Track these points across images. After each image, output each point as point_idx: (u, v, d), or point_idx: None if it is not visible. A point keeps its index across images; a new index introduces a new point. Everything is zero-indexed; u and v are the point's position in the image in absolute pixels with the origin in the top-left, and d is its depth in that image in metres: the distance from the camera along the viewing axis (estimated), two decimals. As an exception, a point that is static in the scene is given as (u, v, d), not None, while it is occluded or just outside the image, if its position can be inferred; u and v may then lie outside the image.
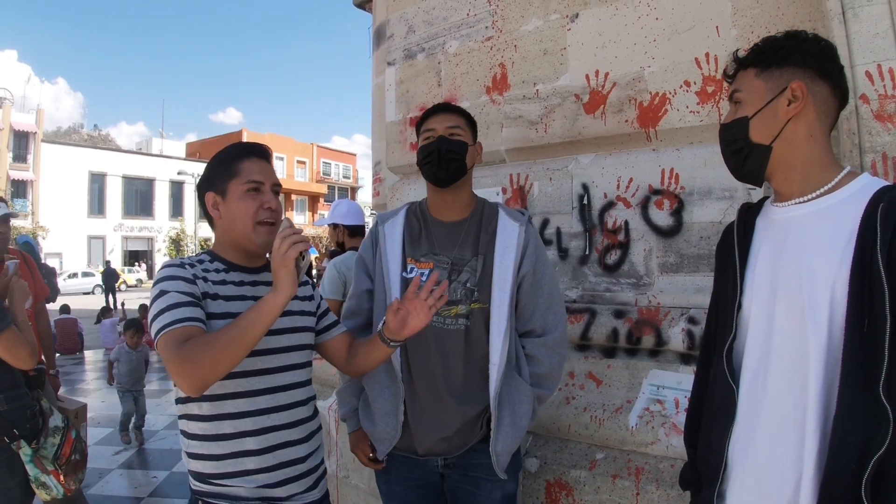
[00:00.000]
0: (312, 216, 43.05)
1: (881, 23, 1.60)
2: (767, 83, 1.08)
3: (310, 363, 1.54)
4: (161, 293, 1.30)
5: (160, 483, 4.11)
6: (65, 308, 10.14)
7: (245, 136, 37.86)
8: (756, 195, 1.77)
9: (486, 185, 2.47)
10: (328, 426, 2.65)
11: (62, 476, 2.17)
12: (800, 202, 1.07)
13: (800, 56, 1.07)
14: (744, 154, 1.11)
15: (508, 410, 1.61)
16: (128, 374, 4.95)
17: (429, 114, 1.74)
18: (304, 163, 45.09)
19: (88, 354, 9.86)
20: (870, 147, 1.61)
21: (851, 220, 0.97)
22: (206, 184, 1.45)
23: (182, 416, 1.40)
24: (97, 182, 33.46)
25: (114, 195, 34.28)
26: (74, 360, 9.29)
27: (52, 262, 23.78)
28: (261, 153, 1.46)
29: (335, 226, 3.44)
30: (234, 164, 1.42)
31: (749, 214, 1.19)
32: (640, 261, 2.13)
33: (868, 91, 1.61)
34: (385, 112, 2.98)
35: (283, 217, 1.41)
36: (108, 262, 20.67)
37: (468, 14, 2.59)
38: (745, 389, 1.10)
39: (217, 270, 1.41)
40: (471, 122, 1.75)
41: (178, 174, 33.27)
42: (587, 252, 2.26)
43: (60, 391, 3.26)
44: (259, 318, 1.26)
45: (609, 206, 2.21)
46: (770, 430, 1.04)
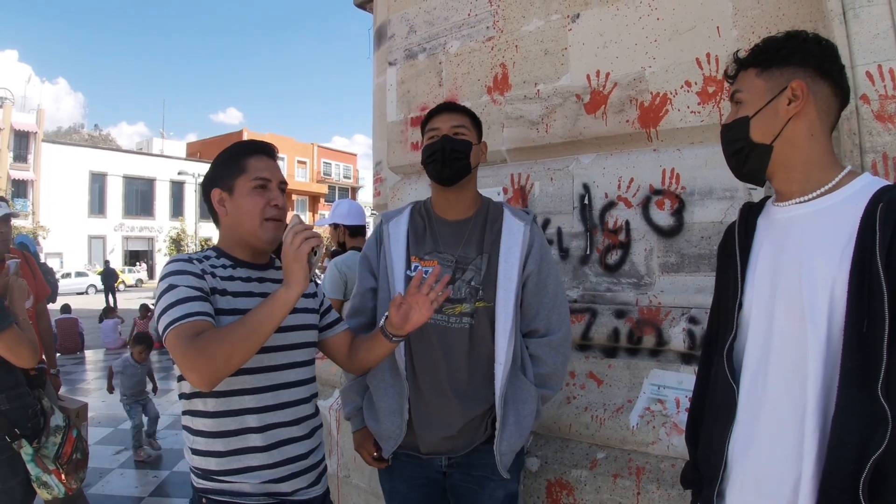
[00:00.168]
0: (313, 216, 43.06)
1: (882, 23, 1.60)
2: (768, 83, 1.08)
3: (313, 361, 1.54)
4: (170, 287, 1.28)
5: (161, 482, 4.12)
6: (66, 308, 10.17)
7: (245, 136, 37.58)
8: (757, 195, 1.78)
9: (487, 185, 2.47)
10: (329, 425, 2.65)
11: (63, 475, 2.17)
12: (800, 202, 1.07)
13: (800, 56, 1.07)
14: (745, 154, 1.11)
15: (513, 410, 1.61)
16: (133, 387, 4.82)
17: (434, 113, 1.74)
18: (305, 163, 45.12)
19: (89, 354, 9.87)
20: (870, 147, 1.62)
21: (851, 220, 0.97)
22: (213, 180, 1.45)
23: (186, 413, 1.39)
24: (98, 182, 33.50)
25: (114, 195, 34.32)
26: (75, 360, 9.29)
27: (53, 262, 23.83)
28: (268, 151, 1.47)
29: (336, 226, 3.44)
30: (242, 161, 1.43)
31: (751, 214, 1.19)
32: (641, 261, 2.14)
33: (869, 91, 1.62)
34: (386, 112, 2.98)
35: (294, 213, 1.41)
36: (108, 262, 20.62)
37: (469, 14, 2.59)
38: (746, 389, 1.10)
39: (224, 266, 1.41)
40: (476, 122, 1.75)
41: (179, 174, 33.35)
42: (588, 252, 2.26)
43: (61, 391, 3.26)
44: (272, 313, 1.26)
45: (610, 206, 2.21)
46: (770, 430, 1.04)
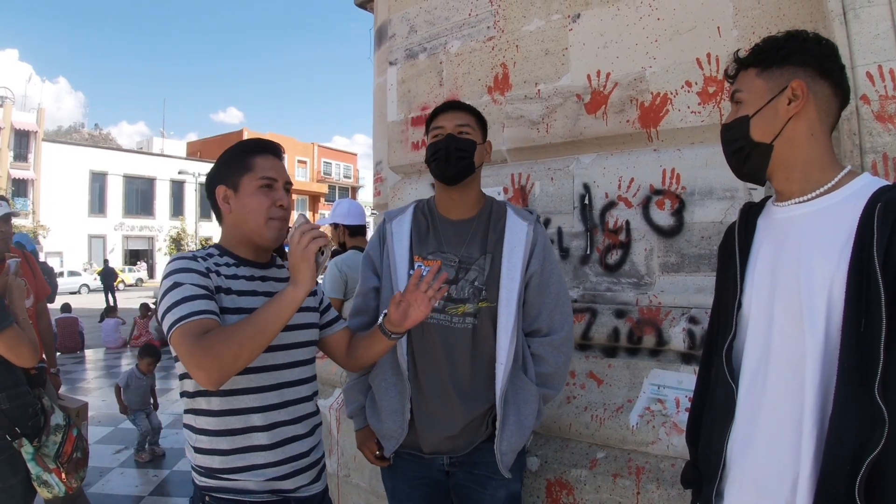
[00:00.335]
0: (313, 216, 43.05)
1: (882, 24, 1.60)
2: (768, 83, 1.08)
3: (314, 359, 1.55)
4: (175, 285, 1.28)
5: (161, 481, 4.12)
6: (66, 307, 10.17)
7: (246, 136, 37.67)
8: (757, 195, 1.78)
9: (488, 185, 2.47)
10: (329, 425, 2.65)
11: (64, 474, 2.17)
12: (800, 202, 1.07)
13: (800, 55, 1.07)
14: (745, 153, 1.11)
15: (514, 409, 1.61)
16: (139, 400, 4.77)
17: (439, 111, 1.73)
18: (305, 162, 45.15)
19: (89, 353, 9.87)
20: (870, 147, 1.62)
21: (850, 220, 0.97)
22: (218, 177, 1.44)
23: (189, 411, 1.39)
24: (98, 181, 33.51)
25: (114, 194, 34.34)
26: (75, 359, 9.30)
27: (53, 262, 23.81)
28: (274, 151, 1.48)
29: (336, 225, 3.44)
30: (248, 160, 1.42)
31: (751, 214, 1.19)
32: (641, 260, 2.14)
33: (869, 92, 1.62)
34: (386, 112, 2.99)
35: (300, 213, 1.42)
36: (107, 262, 20.60)
37: (470, 14, 2.59)
38: (745, 389, 1.10)
39: (228, 265, 1.41)
40: (481, 121, 1.74)
41: (179, 173, 33.37)
42: (588, 252, 2.26)
43: (61, 390, 3.27)
44: (279, 312, 1.26)
45: (610, 206, 2.21)
46: (768, 430, 1.04)
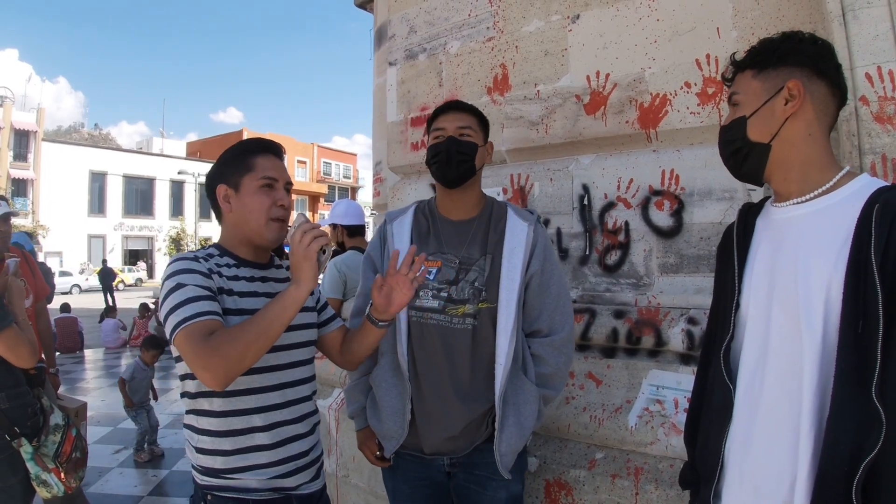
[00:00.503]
0: (313, 216, 43.05)
1: (881, 25, 1.60)
2: (764, 83, 1.08)
3: (313, 359, 1.56)
4: (178, 286, 1.27)
5: (160, 481, 4.12)
6: (65, 307, 10.16)
7: (246, 136, 37.44)
8: (756, 196, 1.78)
9: (487, 186, 2.46)
10: (328, 425, 2.65)
11: (63, 474, 2.17)
12: (798, 202, 1.07)
13: (796, 56, 1.07)
14: (743, 154, 1.11)
15: (513, 410, 1.61)
16: (143, 391, 4.74)
17: (440, 111, 1.73)
18: (305, 162, 45.16)
19: (88, 353, 9.86)
20: (869, 149, 1.62)
21: (848, 221, 0.97)
22: (218, 176, 1.44)
23: (190, 412, 1.39)
24: (97, 181, 33.50)
25: (114, 194, 34.33)
26: (74, 359, 9.29)
27: (53, 261, 23.81)
28: (275, 151, 1.48)
29: (335, 226, 3.44)
30: (249, 159, 1.42)
31: (749, 214, 1.19)
32: (640, 261, 2.14)
33: (868, 93, 1.62)
34: (386, 112, 2.99)
35: (300, 213, 1.42)
36: (105, 262, 20.55)
37: (469, 14, 2.60)
38: (743, 389, 1.10)
39: (228, 265, 1.41)
40: (483, 122, 1.74)
41: (179, 173, 33.36)
42: (587, 252, 2.26)
43: (60, 390, 3.27)
44: (282, 312, 1.26)
45: (609, 207, 2.22)
46: (766, 431, 1.04)
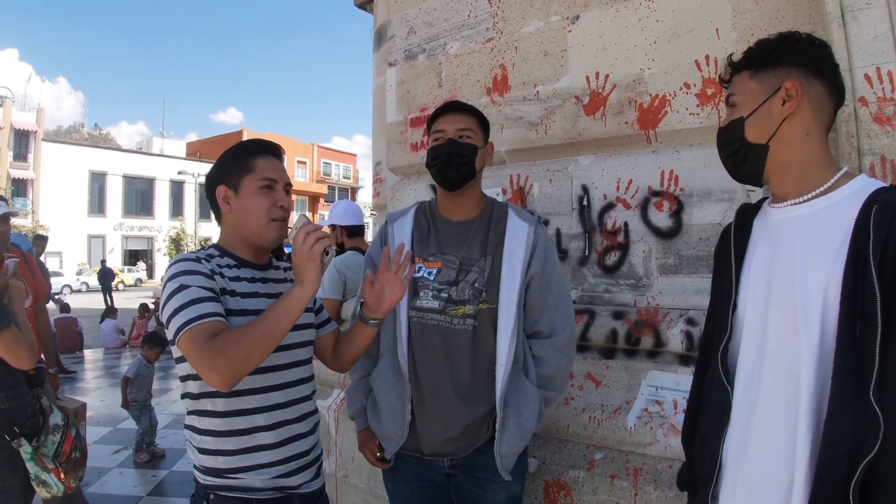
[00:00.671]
0: (313, 216, 43.04)
1: (880, 26, 1.60)
2: (762, 84, 1.08)
3: (312, 359, 1.57)
4: (181, 287, 1.27)
5: (160, 482, 4.12)
6: (65, 307, 10.17)
7: (246, 136, 37.70)
8: (756, 197, 1.78)
9: (487, 186, 2.46)
10: (327, 426, 2.65)
11: (62, 474, 2.17)
12: (796, 203, 1.06)
13: (793, 56, 1.06)
14: (741, 155, 1.11)
15: (514, 411, 1.60)
16: (145, 390, 4.69)
17: (440, 112, 1.72)
18: (305, 163, 45.17)
19: (88, 354, 9.86)
20: (868, 150, 1.62)
21: (846, 222, 0.96)
22: (218, 177, 1.45)
23: (192, 413, 1.39)
24: (97, 181, 33.50)
25: (114, 194, 34.32)
26: (74, 359, 9.29)
27: (53, 261, 23.78)
28: (275, 152, 1.48)
29: (333, 226, 3.44)
30: (249, 161, 1.43)
31: (747, 215, 1.19)
32: (640, 262, 2.14)
33: (867, 94, 1.62)
34: (386, 112, 2.99)
35: (301, 214, 1.43)
36: (104, 262, 20.51)
37: (469, 15, 2.60)
38: (741, 391, 1.09)
39: (229, 266, 1.41)
40: (483, 123, 1.73)
41: (179, 174, 33.36)
42: (587, 253, 2.27)
43: (60, 389, 3.26)
44: (288, 313, 1.27)
45: (609, 208, 2.22)
46: (763, 432, 1.04)
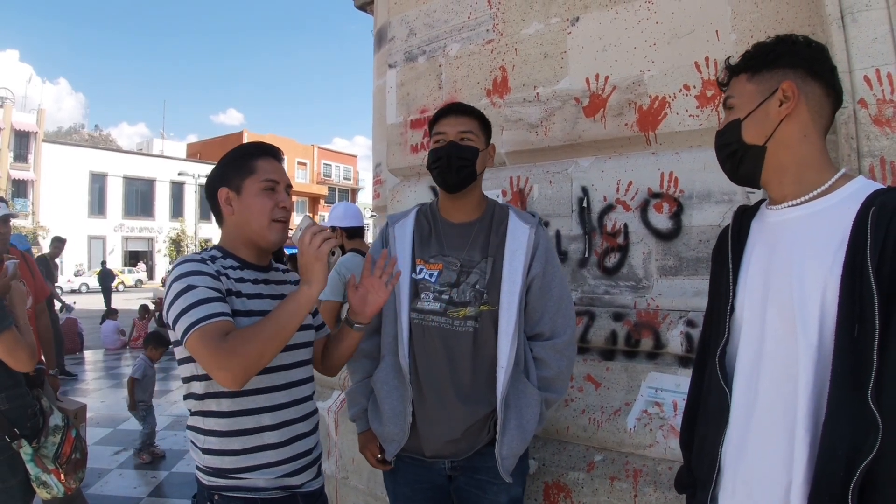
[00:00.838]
0: (313, 217, 42.69)
1: (880, 28, 1.61)
2: (759, 86, 1.08)
3: (311, 359, 1.58)
4: (188, 287, 1.28)
5: (160, 483, 4.11)
6: (69, 309, 10.15)
7: (246, 138, 37.96)
8: (755, 199, 1.78)
9: (487, 188, 2.45)
10: (327, 427, 2.65)
11: (63, 475, 2.17)
12: (793, 205, 1.06)
13: (790, 58, 1.06)
14: (738, 156, 1.11)
15: (515, 413, 1.60)
16: (149, 390, 4.66)
17: (442, 114, 1.71)
18: (305, 164, 45.22)
19: (88, 355, 9.86)
20: (868, 151, 1.62)
21: (844, 224, 0.96)
22: (220, 179, 1.46)
23: (196, 413, 1.40)
24: (98, 182, 33.51)
25: (114, 195, 34.33)
26: (74, 360, 9.28)
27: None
28: (275, 154, 1.51)
29: (333, 228, 3.44)
30: (251, 162, 1.45)
31: (744, 217, 1.19)
32: (639, 264, 2.14)
33: (866, 96, 1.62)
34: (386, 114, 2.99)
35: (304, 215, 1.45)
36: (104, 263, 20.49)
37: (469, 17, 2.60)
38: (739, 393, 1.09)
39: (233, 268, 1.43)
40: (485, 125, 1.73)
41: (179, 175, 33.42)
42: (586, 255, 2.27)
43: (60, 390, 3.27)
44: (297, 311, 1.30)
45: (608, 209, 2.22)
46: (761, 435, 1.03)
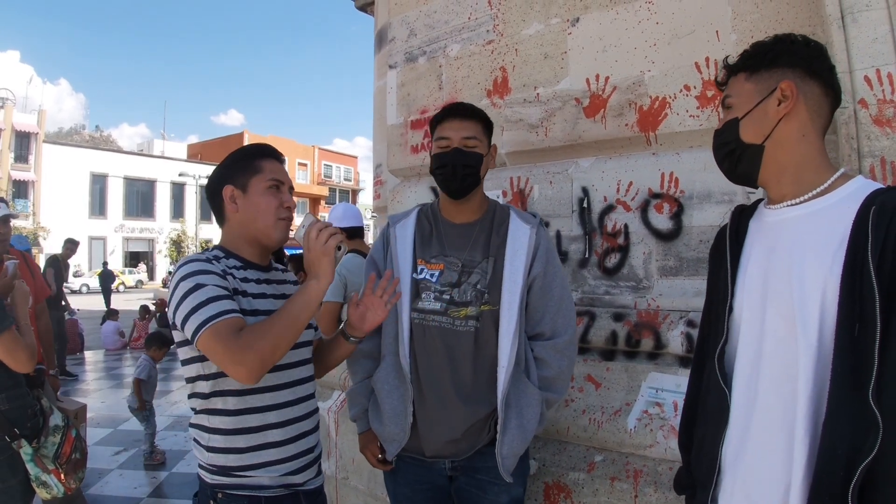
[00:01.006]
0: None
1: (880, 28, 1.61)
2: (757, 85, 1.08)
3: (312, 358, 1.59)
4: (197, 286, 1.29)
5: (160, 483, 4.11)
6: (70, 311, 10.16)
7: (247, 138, 38.07)
8: (756, 199, 1.78)
9: (487, 188, 2.44)
10: (328, 427, 2.65)
11: (63, 475, 2.17)
12: (792, 204, 1.06)
13: (788, 57, 1.06)
14: (736, 155, 1.11)
15: (515, 413, 1.60)
16: (153, 392, 4.65)
17: (444, 116, 1.70)
18: (306, 165, 45.26)
19: (89, 355, 9.87)
20: (868, 152, 1.62)
21: (844, 223, 0.95)
22: (225, 178, 1.48)
23: (201, 412, 1.40)
24: (98, 183, 33.54)
25: (115, 196, 34.36)
26: (75, 361, 9.29)
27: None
28: (278, 156, 1.54)
29: (333, 228, 3.43)
30: (256, 162, 1.48)
31: (742, 217, 1.18)
32: (640, 264, 2.14)
33: (867, 96, 1.62)
34: (386, 115, 2.99)
35: (307, 213, 1.46)
36: (106, 264, 20.51)
37: (469, 18, 2.60)
38: (738, 393, 1.08)
39: (237, 268, 1.44)
40: (487, 127, 1.72)
41: (180, 175, 33.42)
42: (587, 255, 2.27)
43: (60, 391, 3.27)
44: (306, 306, 1.32)
45: (609, 210, 2.22)
46: (761, 436, 1.03)
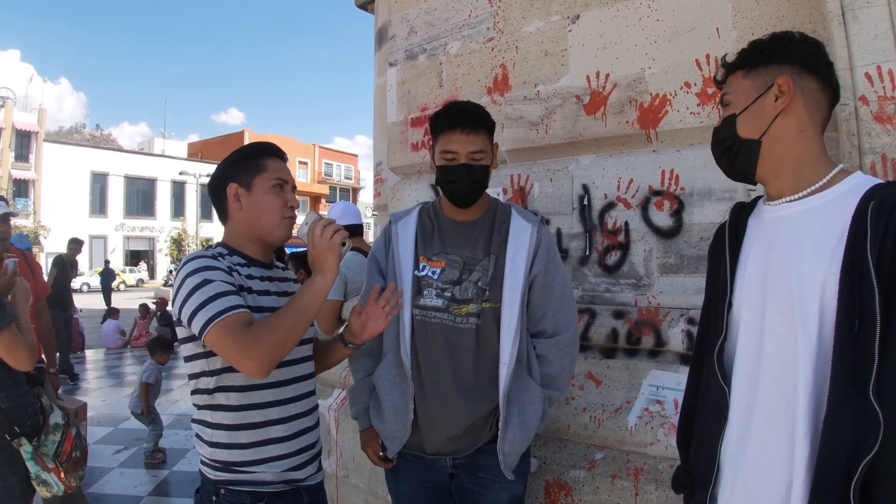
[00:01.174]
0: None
1: (881, 24, 1.60)
2: (754, 82, 1.08)
3: (313, 355, 1.60)
4: (204, 282, 1.30)
5: (161, 481, 4.12)
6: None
7: (247, 137, 38.04)
8: (756, 196, 1.78)
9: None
10: (328, 426, 2.65)
11: (63, 473, 2.18)
12: (791, 200, 1.06)
13: (785, 54, 1.06)
14: (734, 151, 1.11)
15: (517, 410, 1.60)
16: (157, 395, 4.70)
17: (449, 126, 1.64)
18: (306, 163, 45.25)
19: (89, 354, 9.88)
20: (869, 148, 1.62)
21: (843, 219, 0.95)
22: (229, 176, 1.48)
23: (204, 408, 1.41)
24: (99, 182, 33.56)
25: (115, 195, 34.38)
26: (76, 359, 9.29)
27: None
28: (282, 155, 1.55)
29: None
30: (260, 161, 1.48)
31: (741, 213, 1.18)
32: (640, 261, 2.14)
33: (867, 92, 1.62)
34: (387, 113, 2.99)
35: (310, 211, 1.50)
36: (107, 262, 20.53)
37: (470, 15, 2.60)
38: (738, 391, 1.08)
39: (240, 265, 1.44)
40: (491, 132, 1.71)
41: (180, 174, 33.45)
42: (587, 253, 2.26)
43: (60, 390, 3.27)
44: (313, 300, 1.34)
45: (609, 207, 2.21)
46: (761, 434, 1.02)
